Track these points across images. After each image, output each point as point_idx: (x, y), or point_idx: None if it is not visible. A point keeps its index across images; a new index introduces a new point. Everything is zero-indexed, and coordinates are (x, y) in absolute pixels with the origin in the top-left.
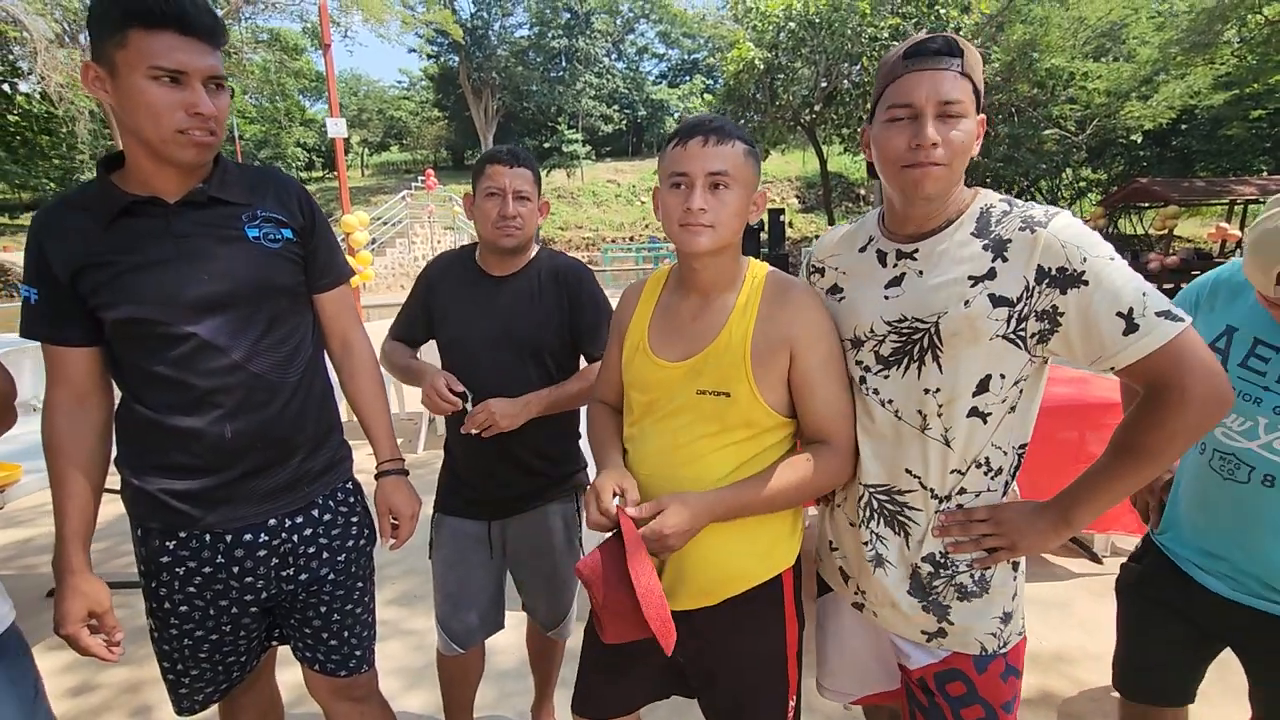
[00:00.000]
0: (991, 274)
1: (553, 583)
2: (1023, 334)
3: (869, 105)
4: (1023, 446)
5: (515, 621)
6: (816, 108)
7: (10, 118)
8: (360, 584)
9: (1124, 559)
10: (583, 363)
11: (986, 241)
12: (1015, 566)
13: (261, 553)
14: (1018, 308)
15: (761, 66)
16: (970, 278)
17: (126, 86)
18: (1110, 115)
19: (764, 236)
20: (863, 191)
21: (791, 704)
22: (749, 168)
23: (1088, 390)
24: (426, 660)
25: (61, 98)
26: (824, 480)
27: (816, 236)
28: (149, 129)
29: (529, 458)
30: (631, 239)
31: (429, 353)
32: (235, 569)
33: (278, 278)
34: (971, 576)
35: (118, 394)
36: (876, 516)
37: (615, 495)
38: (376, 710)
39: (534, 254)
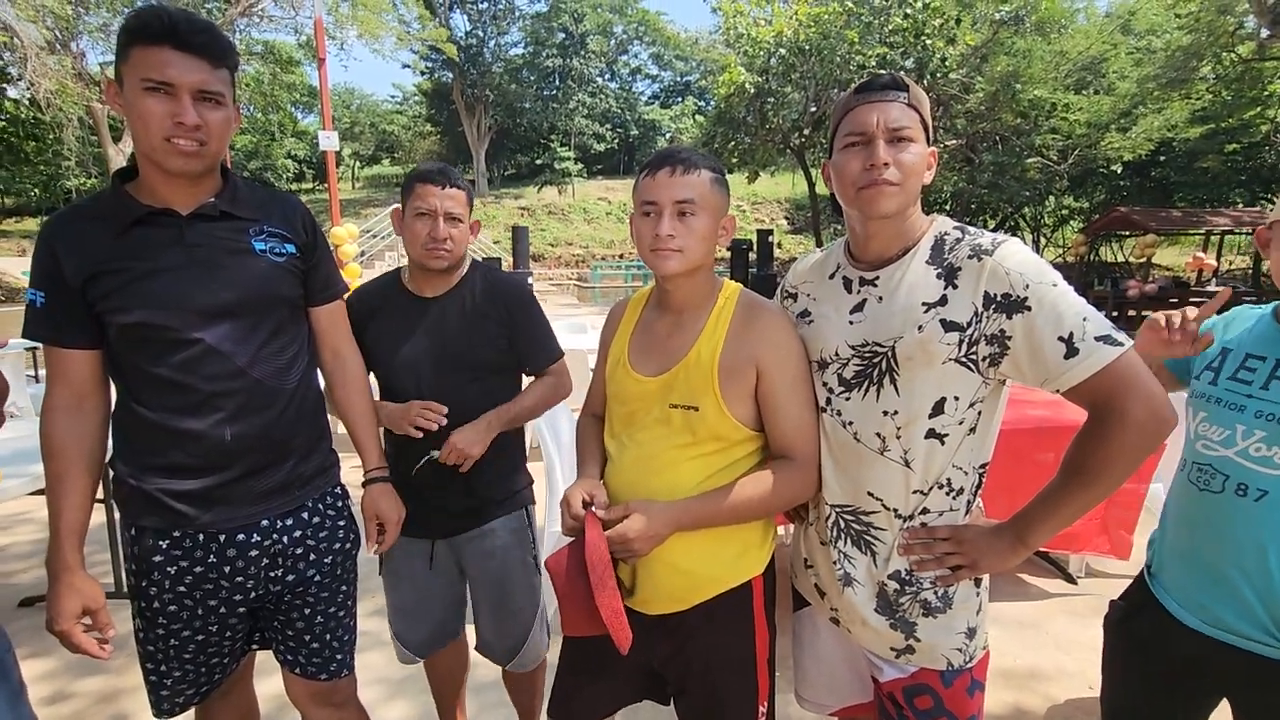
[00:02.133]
0: (944, 300)
1: (501, 610)
2: (974, 357)
3: (827, 143)
4: (983, 466)
5: None
6: (806, 132)
7: None
8: (344, 588)
9: (1098, 579)
10: (525, 379)
11: (939, 269)
12: (978, 583)
13: (253, 553)
14: (968, 332)
15: (752, 90)
16: (924, 304)
17: (128, 97)
18: (1091, 146)
19: (753, 257)
20: None
21: (762, 710)
22: (716, 195)
23: (1061, 413)
24: (407, 671)
25: (50, 104)
26: (787, 494)
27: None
28: (143, 139)
29: (470, 477)
30: (621, 256)
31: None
32: (227, 569)
33: (281, 289)
34: (935, 593)
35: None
36: (844, 536)
37: (586, 503)
38: (354, 717)
39: (465, 271)
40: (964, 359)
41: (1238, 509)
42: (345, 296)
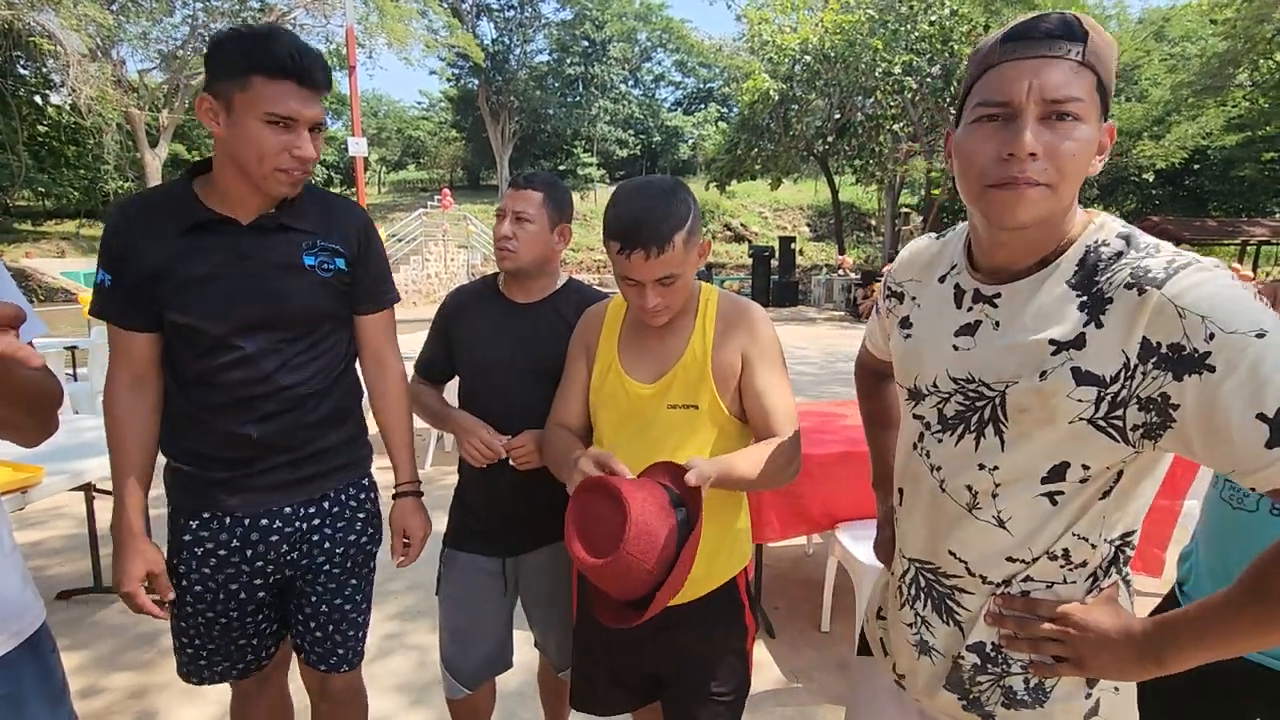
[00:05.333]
0: (1080, 341)
1: (566, 623)
2: (1118, 423)
3: (956, 106)
4: (1128, 536)
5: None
6: (829, 139)
7: (40, 128)
8: (354, 581)
9: (1139, 599)
10: None
11: (1084, 296)
12: (1092, 681)
13: (274, 537)
14: (1111, 389)
15: (776, 97)
16: (1052, 343)
17: (241, 124)
18: (1122, 154)
19: (774, 264)
20: (873, 222)
21: (743, 702)
22: (690, 249)
23: None
24: (429, 677)
25: (91, 110)
26: (785, 464)
27: (827, 266)
28: (253, 165)
29: (547, 493)
30: None
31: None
32: (249, 551)
33: (323, 304)
34: (1026, 681)
35: None
36: (923, 596)
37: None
38: (352, 715)
39: (561, 284)
40: (1103, 422)
41: (1271, 526)
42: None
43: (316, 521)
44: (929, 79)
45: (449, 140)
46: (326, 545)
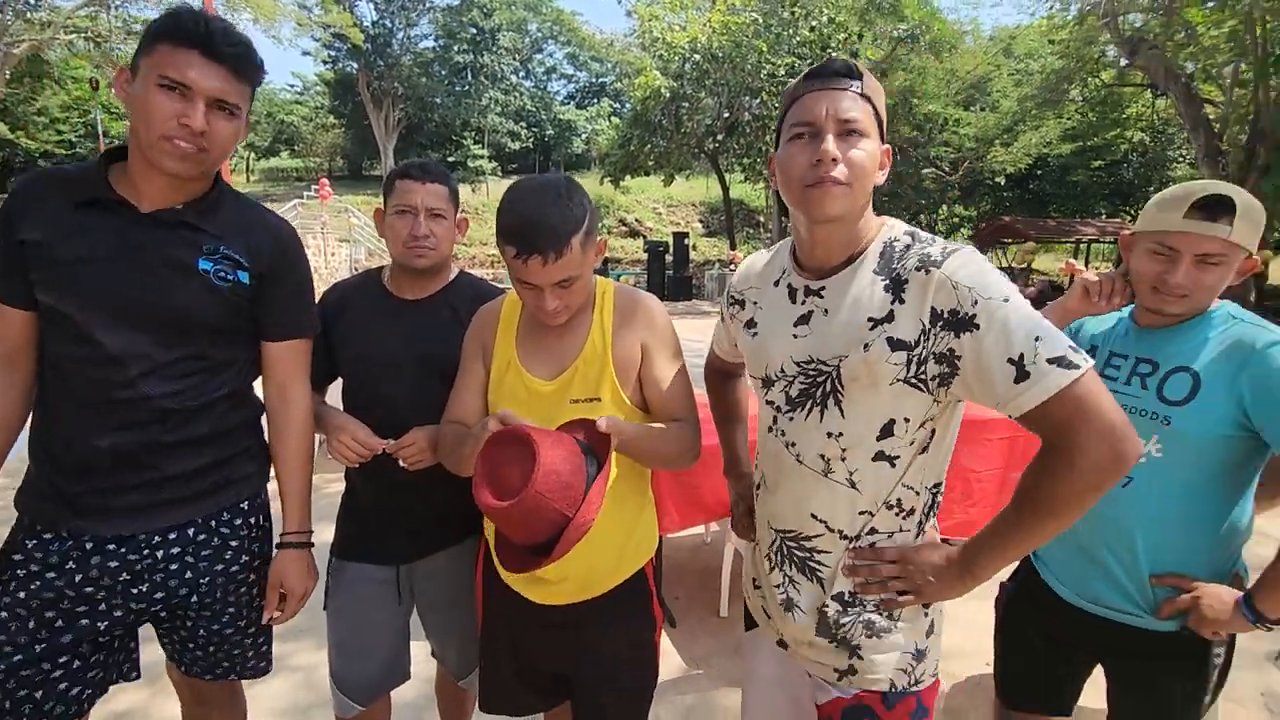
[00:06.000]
0: (890, 317)
1: (466, 628)
2: (923, 378)
3: (774, 132)
4: (937, 486)
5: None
6: (719, 137)
7: None
8: (232, 609)
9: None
10: None
11: (887, 281)
12: (926, 605)
13: (113, 563)
14: (916, 351)
15: (667, 95)
16: (870, 320)
17: (138, 89)
18: (979, 159)
19: (669, 259)
20: (762, 219)
21: (651, 694)
22: (587, 250)
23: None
24: (314, 698)
25: None
26: (688, 443)
27: (720, 260)
28: (143, 132)
29: (445, 494)
30: None
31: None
32: (78, 578)
33: (209, 315)
34: (880, 614)
35: None
36: (788, 561)
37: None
38: (225, 717)
39: (453, 278)
40: (913, 380)
41: (1109, 496)
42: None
43: (175, 551)
44: None
45: (326, 127)
46: (188, 575)
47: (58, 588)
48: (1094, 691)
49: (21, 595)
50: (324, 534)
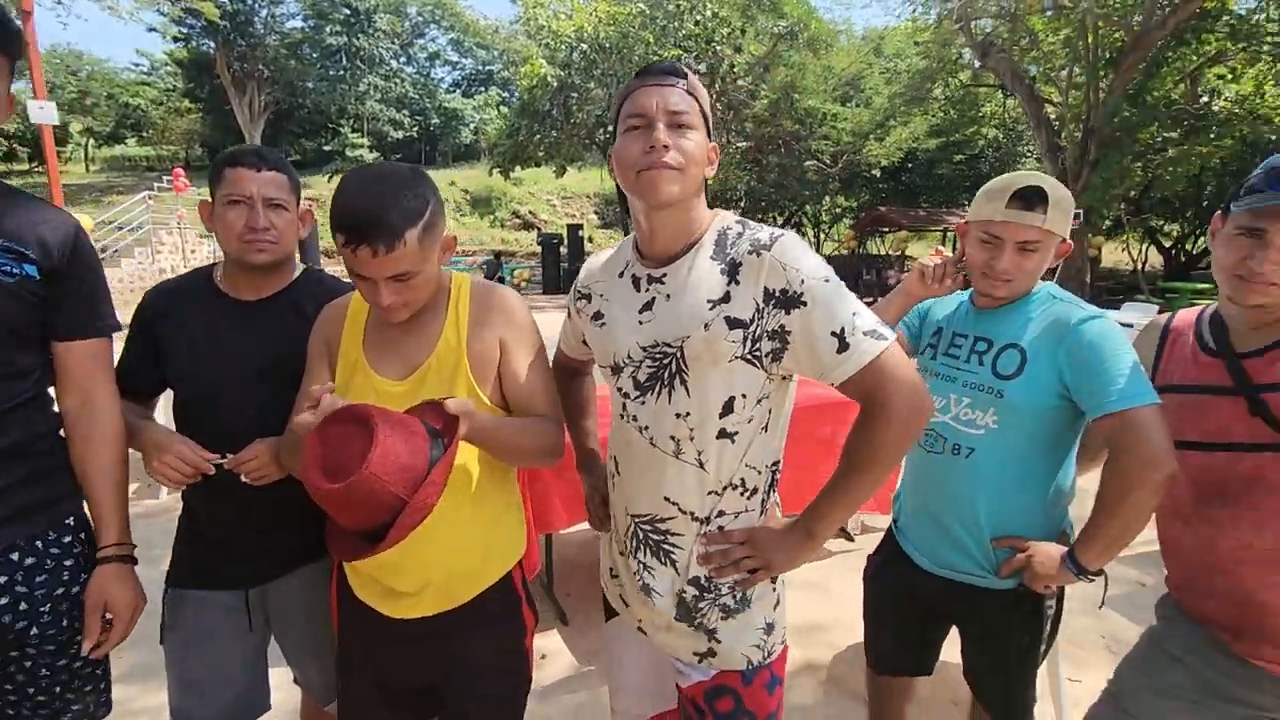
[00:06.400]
0: (727, 297)
1: (327, 650)
2: (758, 354)
3: (609, 129)
4: (776, 464)
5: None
6: (610, 128)
7: None
8: (79, 638)
9: (873, 534)
10: None
11: (722, 264)
12: (774, 580)
13: None
14: (751, 329)
15: (555, 84)
16: (709, 301)
17: None
18: (856, 152)
19: (564, 251)
20: None
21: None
22: (427, 245)
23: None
24: None
25: None
26: (550, 439)
27: None
28: None
29: (292, 509)
30: None
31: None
32: None
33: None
34: (733, 596)
35: None
36: (643, 546)
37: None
38: None
39: (297, 275)
40: (749, 356)
41: (954, 466)
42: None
43: (3, 580)
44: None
45: (180, 112)
46: (25, 607)
47: None
48: (949, 647)
49: None
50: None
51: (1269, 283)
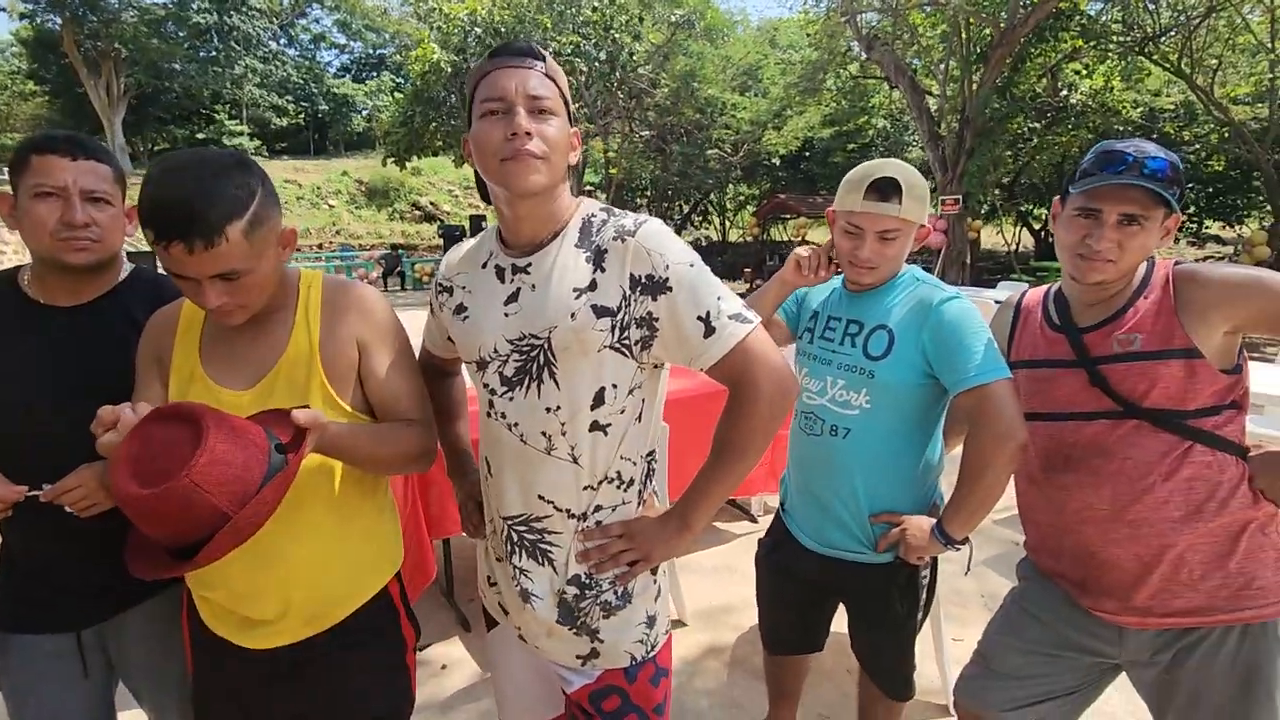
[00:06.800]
0: (593, 285)
1: (184, 689)
2: (627, 342)
3: (465, 111)
4: (651, 454)
5: None
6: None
7: None
8: None
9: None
10: None
11: (588, 252)
12: (655, 570)
13: None
14: (619, 317)
15: (449, 70)
16: (575, 289)
17: None
18: (755, 141)
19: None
20: None
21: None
22: (256, 240)
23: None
24: None
25: None
26: (418, 444)
27: None
28: None
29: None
30: (320, 246)
31: None
32: None
33: None
34: (615, 592)
35: None
36: (518, 550)
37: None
38: None
39: (125, 275)
40: (618, 345)
41: (833, 447)
42: None
43: None
44: (597, 63)
45: (25, 95)
46: None
47: None
48: (842, 618)
49: None
50: None
51: (1106, 259)
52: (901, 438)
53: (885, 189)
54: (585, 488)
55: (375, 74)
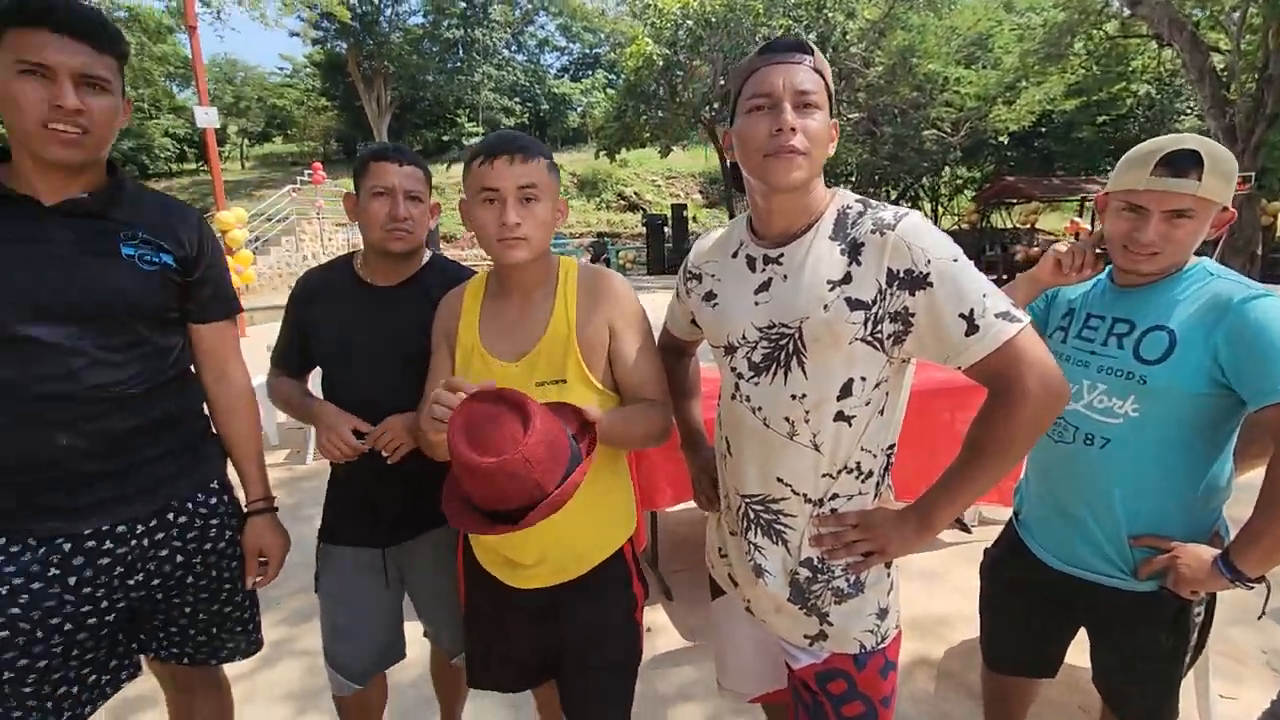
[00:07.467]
0: (848, 278)
1: (455, 609)
2: (879, 336)
3: (729, 107)
4: (891, 448)
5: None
6: (715, 105)
7: None
8: (229, 586)
9: (991, 526)
10: None
11: (843, 245)
12: (889, 564)
13: (104, 560)
14: (873, 310)
15: (661, 63)
16: (829, 281)
17: (2, 83)
18: (981, 118)
19: (668, 232)
20: None
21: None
22: (552, 180)
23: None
24: (320, 683)
25: None
26: (660, 425)
27: None
28: (17, 122)
29: (428, 477)
30: None
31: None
32: (72, 580)
33: (144, 299)
34: (847, 580)
35: None
36: (754, 526)
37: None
38: (216, 695)
39: (426, 261)
40: (869, 338)
41: (1086, 457)
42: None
43: (161, 536)
44: None
45: (319, 110)
46: (181, 560)
47: (55, 595)
48: (1078, 650)
49: (15, 611)
50: (310, 524)
51: None
52: (1177, 453)
53: (1180, 163)
54: (824, 475)
55: (590, 72)
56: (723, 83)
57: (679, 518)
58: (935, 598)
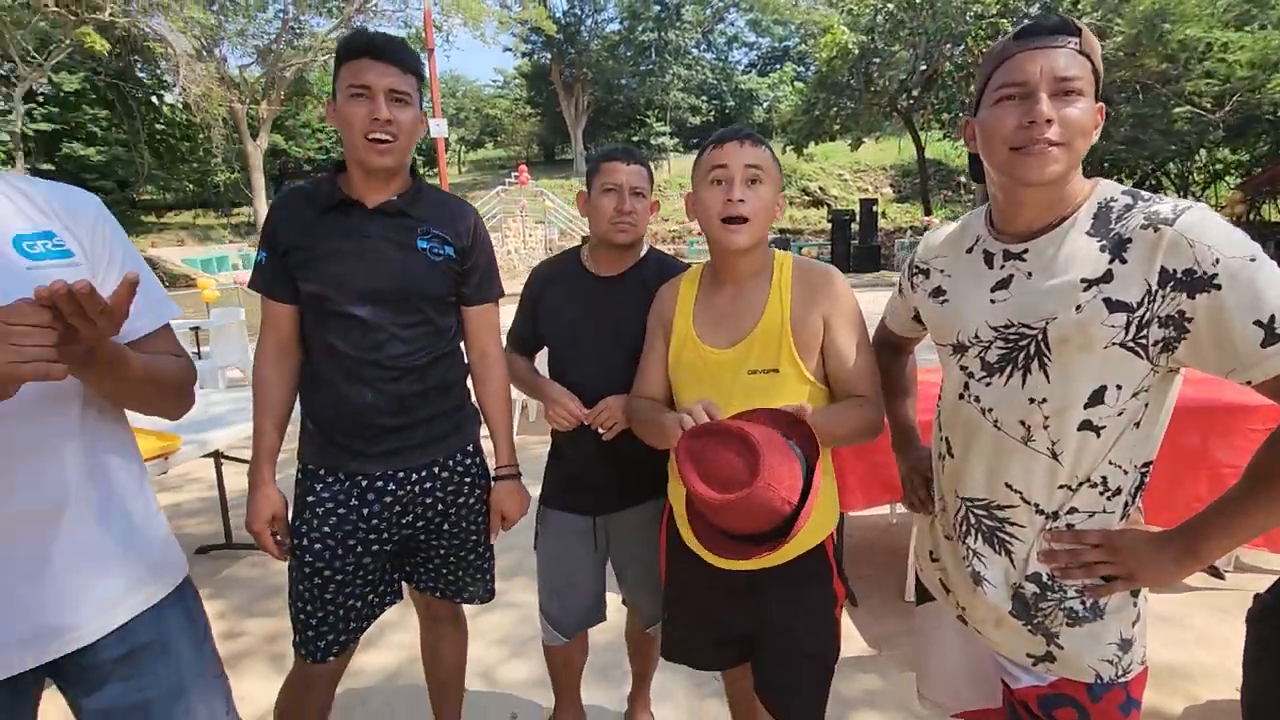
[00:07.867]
0: (1108, 276)
1: (656, 579)
2: (1144, 342)
3: (973, 95)
4: (1147, 465)
5: (614, 609)
6: (914, 93)
7: (158, 126)
8: (474, 536)
9: (1248, 573)
10: None
11: (1103, 241)
12: (1136, 591)
13: (388, 499)
14: (1138, 313)
15: (856, 51)
16: (1083, 280)
17: (339, 105)
18: (1255, 90)
19: (855, 228)
20: (963, 179)
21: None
22: (776, 170)
23: (1218, 392)
24: (528, 632)
25: (199, 107)
26: (870, 421)
27: (912, 227)
28: (348, 137)
29: (638, 454)
30: None
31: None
32: (365, 510)
33: (431, 285)
34: (1083, 602)
35: None
36: (974, 532)
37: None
38: (459, 631)
39: (643, 255)
40: (1131, 343)
41: None
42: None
43: (429, 485)
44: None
45: (525, 117)
46: (440, 508)
47: (353, 520)
48: None
49: (326, 529)
50: (532, 488)
51: None
52: None
53: None
54: (1061, 486)
55: (777, 66)
56: (924, 68)
57: (865, 523)
58: (1170, 646)
